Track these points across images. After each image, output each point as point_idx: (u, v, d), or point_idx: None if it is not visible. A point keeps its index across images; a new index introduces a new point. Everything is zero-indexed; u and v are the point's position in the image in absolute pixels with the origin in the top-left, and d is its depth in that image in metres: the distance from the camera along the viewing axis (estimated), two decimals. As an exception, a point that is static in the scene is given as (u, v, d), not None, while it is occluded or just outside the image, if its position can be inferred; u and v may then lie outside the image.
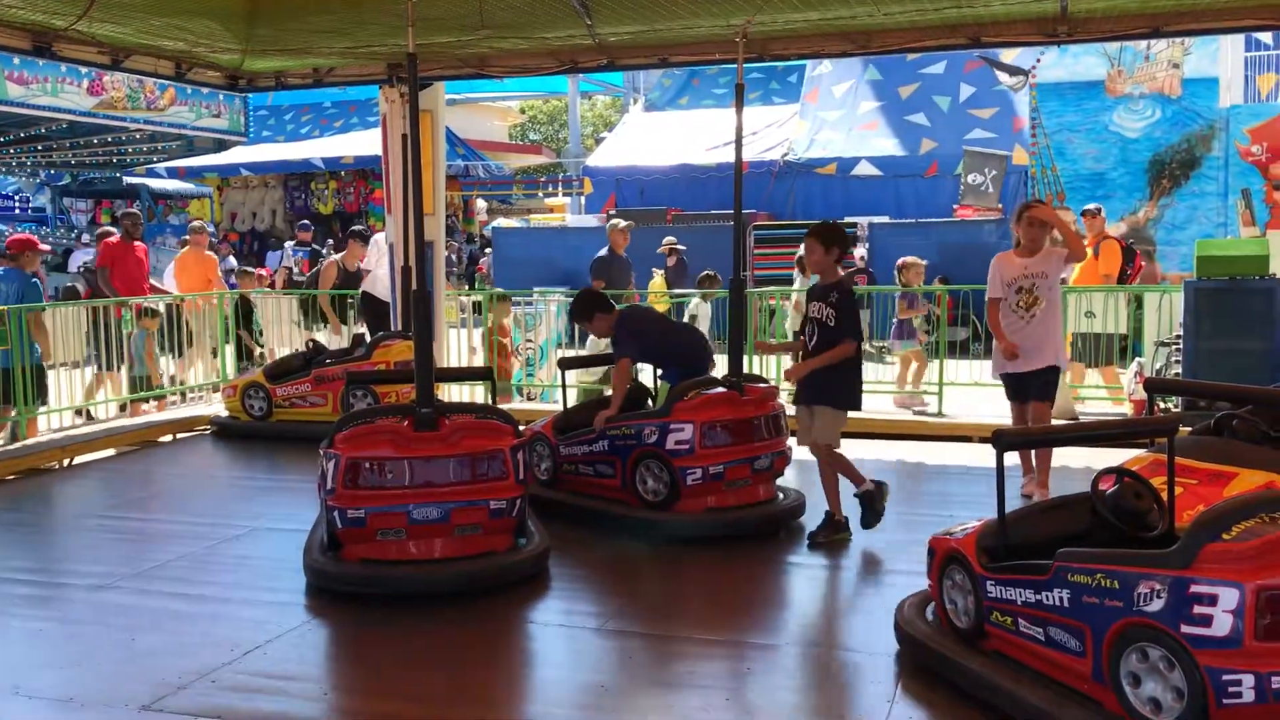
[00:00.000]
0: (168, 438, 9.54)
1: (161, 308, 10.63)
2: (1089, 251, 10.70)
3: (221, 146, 23.16)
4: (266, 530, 6.41)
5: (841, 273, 5.99)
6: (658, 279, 14.03)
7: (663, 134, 21.30)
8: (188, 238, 13.41)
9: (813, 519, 6.32)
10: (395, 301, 10.07)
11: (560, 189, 25.41)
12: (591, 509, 6.34)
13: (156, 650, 4.51)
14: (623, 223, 11.81)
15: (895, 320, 10.62)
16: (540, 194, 25.97)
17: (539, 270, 16.67)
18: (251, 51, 9.32)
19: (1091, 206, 11.54)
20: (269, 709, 3.98)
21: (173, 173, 24.61)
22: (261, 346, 11.71)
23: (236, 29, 8.77)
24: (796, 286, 11.58)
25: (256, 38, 8.97)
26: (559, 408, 7.11)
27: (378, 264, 11.14)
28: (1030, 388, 6.57)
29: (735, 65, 6.59)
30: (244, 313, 11.59)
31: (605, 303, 6.75)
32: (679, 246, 14.68)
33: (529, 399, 10.86)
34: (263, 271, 15.87)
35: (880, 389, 10.52)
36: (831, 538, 5.91)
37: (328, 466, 5.17)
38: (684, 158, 19.92)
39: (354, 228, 11.45)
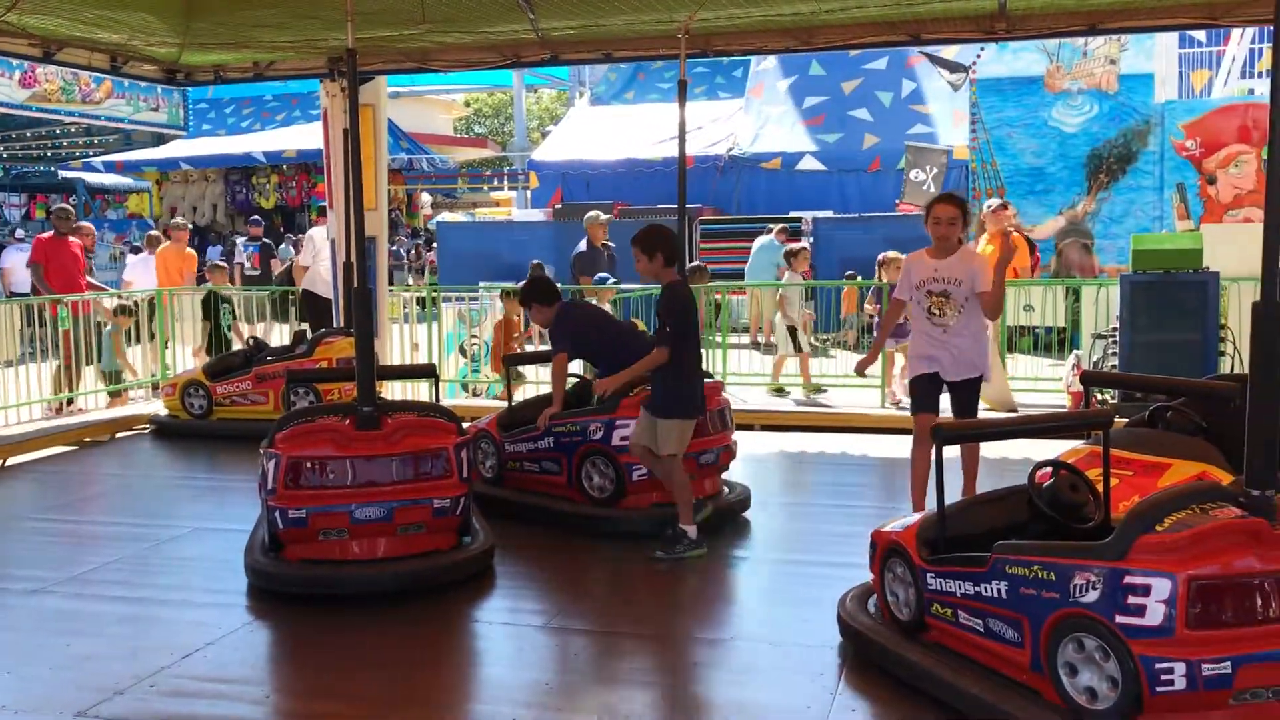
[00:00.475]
0: (105, 438, 9.37)
1: (110, 324, 10.51)
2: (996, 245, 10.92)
3: (160, 140, 22.78)
4: (207, 531, 6.32)
5: (676, 275, 5.71)
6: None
7: (609, 128, 21.29)
8: (154, 233, 13.28)
9: (758, 512, 6.37)
10: (337, 298, 9.97)
11: (506, 183, 25.30)
12: (537, 506, 6.32)
13: (93, 655, 4.43)
14: (603, 215, 11.84)
15: (873, 316, 10.49)
16: (485, 188, 25.86)
17: (484, 265, 16.59)
18: (189, 45, 9.17)
19: (996, 202, 11.72)
20: (209, 713, 3.93)
21: (110, 167, 24.18)
22: (229, 337, 11.43)
23: (173, 22, 8.62)
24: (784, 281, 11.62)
25: (194, 31, 8.83)
26: (504, 404, 7.07)
27: (315, 260, 11.03)
28: (954, 399, 5.89)
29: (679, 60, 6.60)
30: (214, 307, 11.38)
31: (548, 293, 6.58)
32: (609, 243, 14.80)
33: (474, 395, 10.81)
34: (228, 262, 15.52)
35: (834, 383, 10.61)
36: (675, 552, 5.59)
37: (268, 466, 5.12)
38: (630, 152, 19.92)
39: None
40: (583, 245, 11.61)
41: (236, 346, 10.70)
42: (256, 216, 21.27)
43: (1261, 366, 3.30)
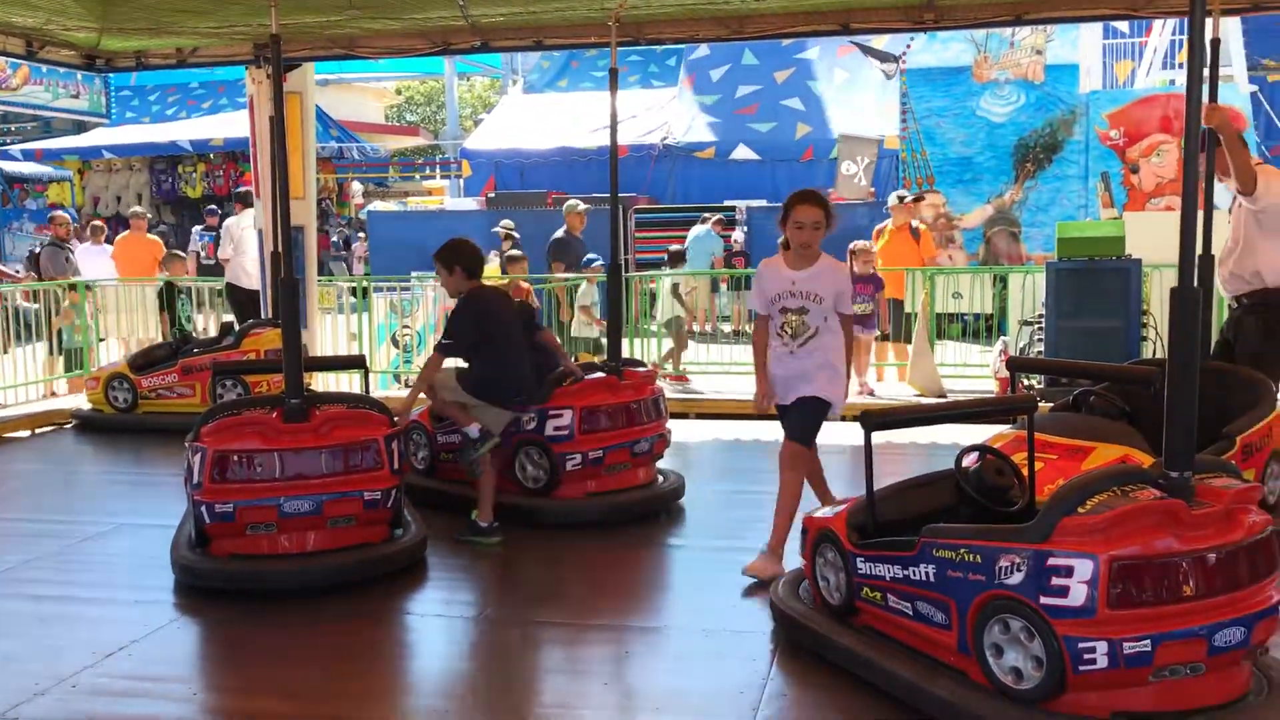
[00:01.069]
0: (25, 433, 9.14)
1: (67, 301, 10.29)
2: (910, 236, 11.09)
3: (82, 128, 22.25)
4: (131, 527, 6.19)
5: (478, 285, 5.71)
6: (494, 263, 14.13)
7: (542, 116, 21.19)
8: (97, 223, 13.01)
9: (692, 500, 6.39)
10: (265, 288, 9.81)
11: (438, 171, 25.08)
12: (470, 497, 6.26)
13: (12, 656, 4.32)
14: (581, 205, 11.76)
15: None
16: (417, 176, 25.60)
17: (416, 255, 16.39)
18: (108, 29, 8.95)
19: (904, 192, 11.91)
20: (133, 712, 3.86)
21: (29, 155, 23.54)
22: (188, 329, 11.17)
23: (91, 5, 8.41)
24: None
25: (114, 15, 8.61)
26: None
27: (236, 250, 10.85)
28: (783, 420, 5.17)
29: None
30: (169, 297, 11.13)
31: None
32: (514, 233, 14.83)
33: (406, 386, 10.71)
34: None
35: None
36: (473, 538, 5.65)
37: (194, 460, 5.02)
38: (564, 140, 19.85)
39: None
40: (560, 233, 11.55)
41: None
42: (213, 206, 20.86)
43: (1180, 351, 3.37)
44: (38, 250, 14.28)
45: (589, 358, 10.38)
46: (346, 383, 9.92)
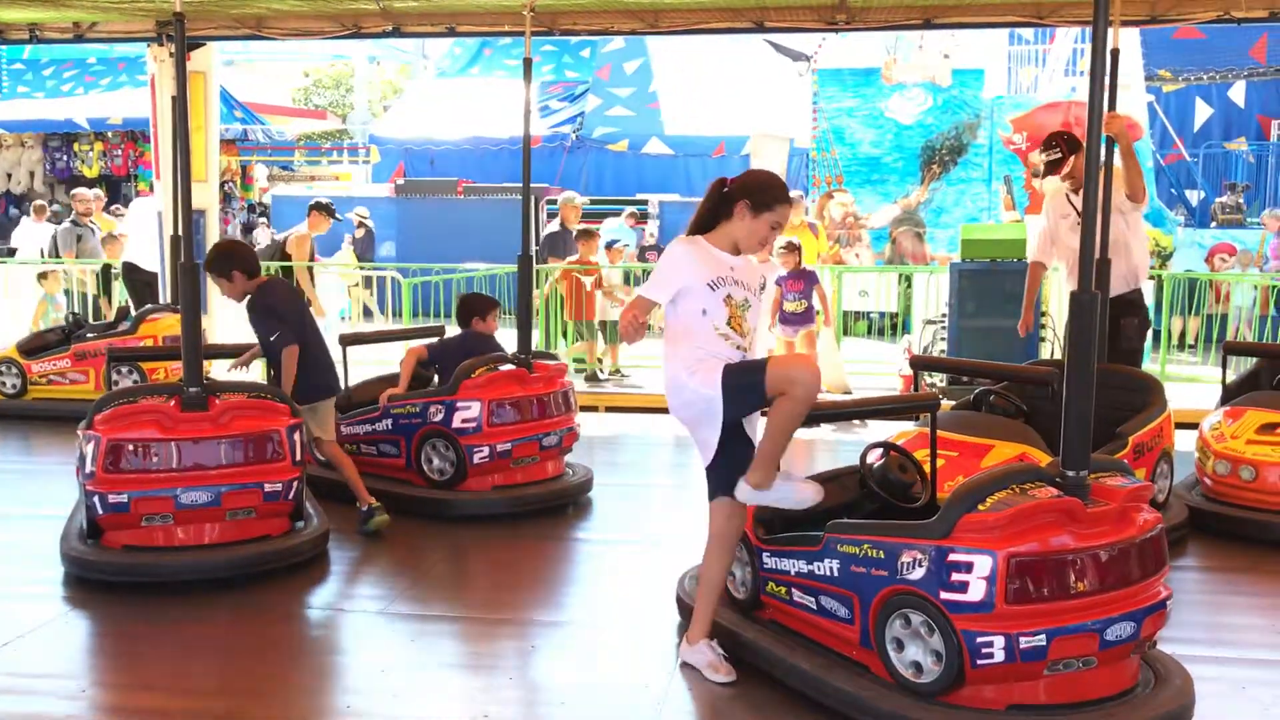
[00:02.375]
0: (-94, 418, 8.75)
1: None
2: (810, 233, 11.26)
3: (-31, 101, 21.33)
4: (18, 518, 5.98)
5: (263, 279, 5.62)
6: (345, 251, 14.08)
7: (454, 103, 20.94)
8: (40, 202, 12.50)
9: (600, 494, 6.38)
10: (164, 272, 9.54)
11: (345, 156, 24.65)
12: (374, 490, 6.17)
13: (-112, 652, 4.14)
14: (579, 198, 11.63)
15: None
16: (324, 161, 25.12)
17: (323, 241, 16.13)
18: (1, -1, 8.62)
19: (795, 193, 12.11)
20: (19, 710, 3.72)
21: (-88, 129, 22.55)
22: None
23: (-18, -26, 8.09)
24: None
25: (6, -15, 8.30)
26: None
27: (138, 231, 10.53)
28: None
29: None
30: (105, 280, 10.72)
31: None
32: (368, 220, 14.77)
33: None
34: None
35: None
36: (368, 527, 5.60)
37: (87, 448, 4.86)
38: (475, 129, 19.66)
39: (317, 200, 10.57)
40: (554, 226, 11.39)
41: None
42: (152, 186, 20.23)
43: (1078, 353, 3.46)
44: None
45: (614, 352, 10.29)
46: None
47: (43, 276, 11.61)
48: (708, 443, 3.83)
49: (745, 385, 3.70)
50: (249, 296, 5.54)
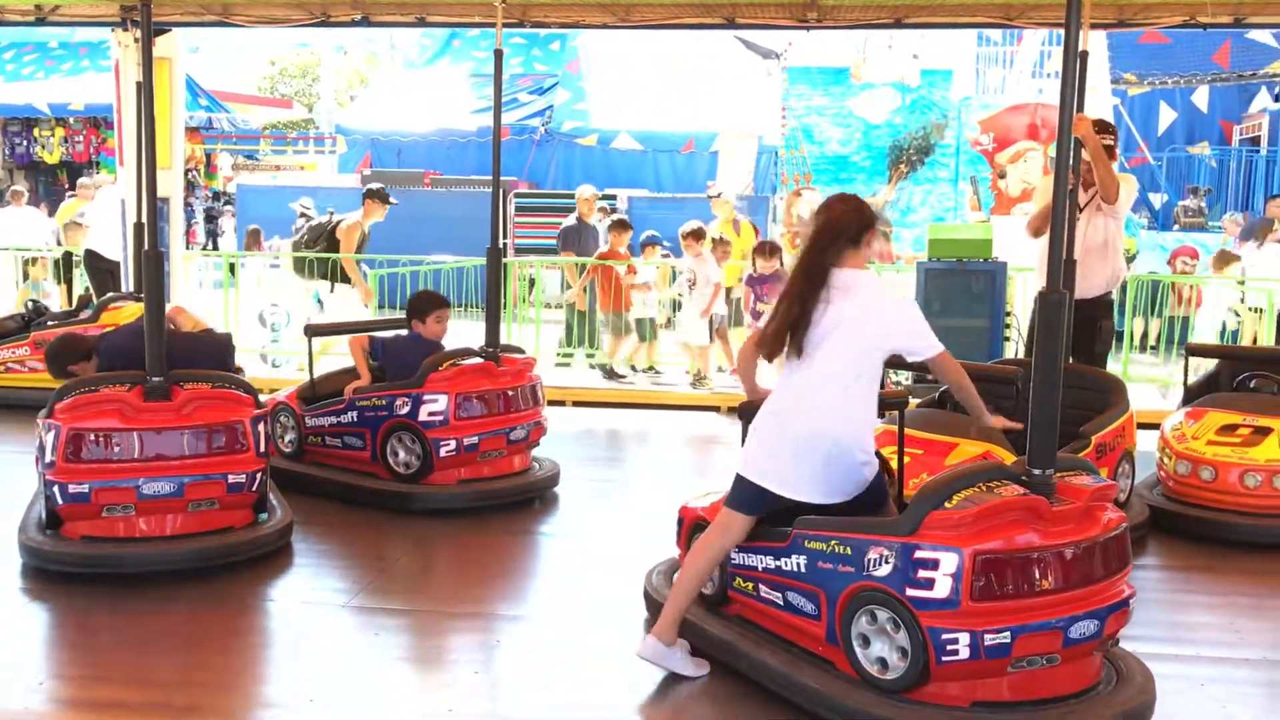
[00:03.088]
0: None
1: None
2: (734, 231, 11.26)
3: (-74, 84, 20.95)
4: (-25, 507, 5.88)
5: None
6: (288, 243, 14.00)
7: (422, 94, 20.81)
8: (17, 188, 12.29)
9: (567, 489, 6.36)
10: (127, 261, 9.42)
11: (311, 146, 24.44)
12: (339, 482, 6.14)
13: None
14: (589, 191, 11.48)
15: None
16: (290, 150, 24.89)
17: (287, 231, 16.00)
18: (-40, -20, 8.47)
19: (716, 190, 12.19)
20: (-27, 703, 3.66)
21: None
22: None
23: (-58, -46, 7.95)
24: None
25: (-34, -35, 8.16)
26: (305, 376, 6.83)
27: (100, 217, 10.38)
28: None
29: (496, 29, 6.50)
30: (66, 267, 10.57)
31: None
32: (311, 211, 14.69)
33: (274, 366, 10.43)
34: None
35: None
36: None
37: (47, 438, 4.79)
38: (444, 120, 19.54)
39: (371, 187, 10.35)
40: (571, 220, 11.23)
41: None
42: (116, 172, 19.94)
43: (1044, 353, 3.48)
44: None
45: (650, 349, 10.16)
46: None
47: (31, 263, 11.44)
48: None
49: None
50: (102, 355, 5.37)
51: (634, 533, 5.61)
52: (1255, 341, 10.30)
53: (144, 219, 5.14)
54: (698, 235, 9.72)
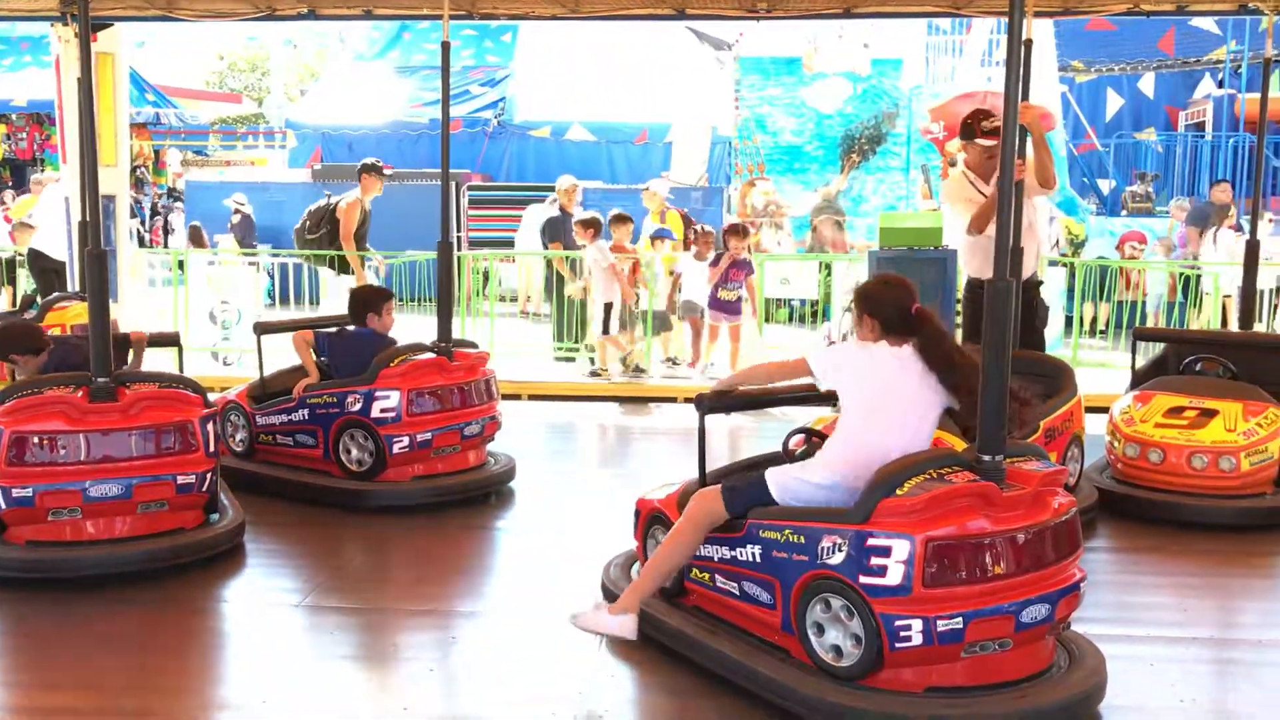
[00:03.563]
0: None
1: None
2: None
3: None
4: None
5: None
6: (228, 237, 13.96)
7: (372, 88, 20.63)
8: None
9: (523, 483, 6.34)
10: (72, 260, 9.27)
11: (261, 141, 24.16)
12: (292, 481, 6.08)
13: None
14: (568, 182, 11.27)
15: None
16: (239, 146, 24.60)
17: (226, 228, 15.84)
18: (-107, -26, 8.28)
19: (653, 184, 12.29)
20: (-84, 714, 3.58)
21: None
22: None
23: (-127, -52, 7.75)
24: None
25: (-101, -41, 7.97)
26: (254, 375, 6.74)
27: (45, 215, 10.20)
28: None
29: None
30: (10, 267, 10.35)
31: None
32: (245, 206, 14.63)
33: (225, 364, 10.30)
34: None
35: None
36: None
37: (-11, 441, 4.70)
38: (394, 114, 19.39)
39: (367, 161, 10.03)
40: (554, 211, 11.09)
41: None
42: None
43: (993, 341, 3.50)
44: None
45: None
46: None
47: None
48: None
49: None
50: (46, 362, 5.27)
51: (591, 526, 5.60)
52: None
53: (87, 217, 5.03)
54: (587, 224, 9.66)
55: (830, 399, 4.24)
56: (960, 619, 3.28)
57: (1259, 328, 9.53)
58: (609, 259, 9.64)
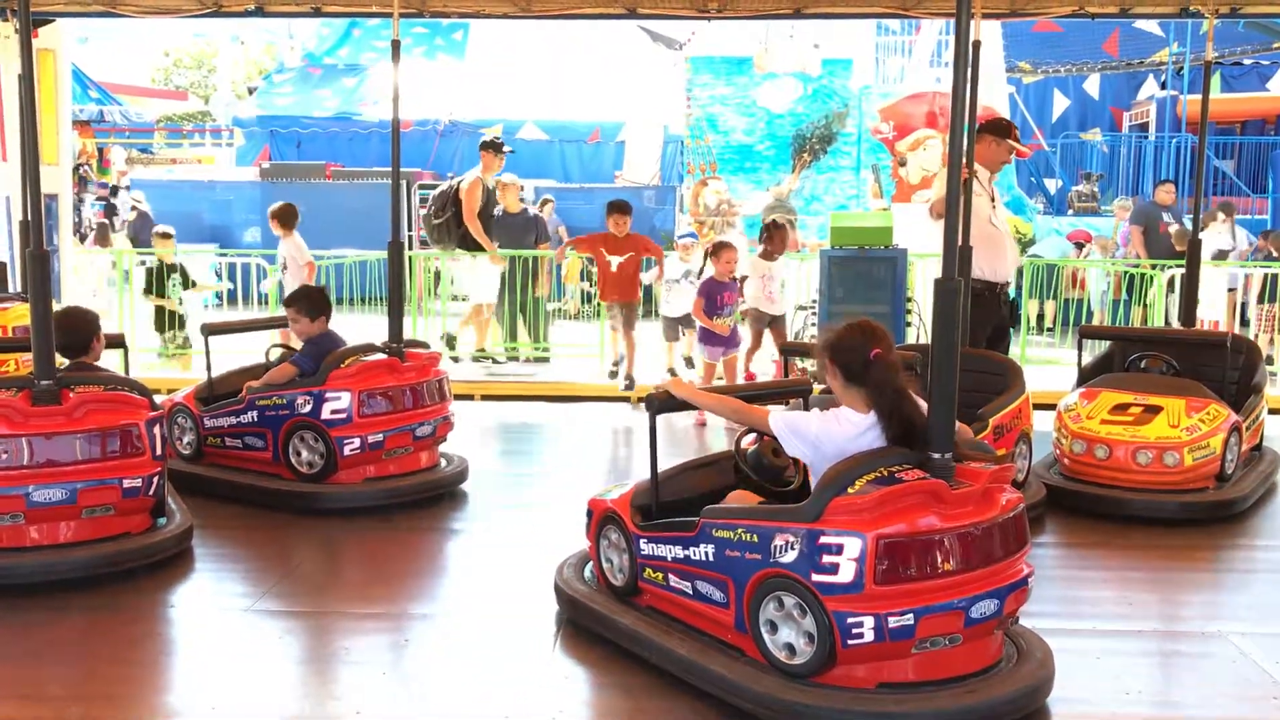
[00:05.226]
0: None
1: None
2: None
3: None
4: None
5: None
6: (120, 235, 13.89)
7: (321, 85, 20.48)
8: None
9: (476, 484, 6.31)
10: (13, 260, 9.09)
11: (208, 139, 23.86)
12: (241, 484, 6.00)
13: None
14: (508, 179, 10.97)
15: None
16: (186, 144, 24.28)
17: (184, 227, 15.60)
18: None
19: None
20: None
21: None
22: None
23: None
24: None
25: None
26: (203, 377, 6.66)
27: None
28: None
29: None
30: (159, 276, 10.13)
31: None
32: (141, 204, 14.63)
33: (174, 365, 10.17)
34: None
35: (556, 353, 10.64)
36: None
37: (-73, 447, 4.60)
38: (344, 111, 19.26)
39: (485, 138, 9.73)
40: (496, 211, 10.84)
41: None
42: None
43: (942, 337, 3.54)
44: None
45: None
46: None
47: None
48: None
49: None
50: None
51: (544, 527, 5.59)
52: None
53: (29, 216, 4.95)
54: (276, 215, 9.25)
55: (782, 399, 4.27)
56: (911, 615, 3.30)
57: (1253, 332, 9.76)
58: (306, 255, 9.20)
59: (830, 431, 3.62)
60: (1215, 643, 4.23)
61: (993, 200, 6.67)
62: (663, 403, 4.12)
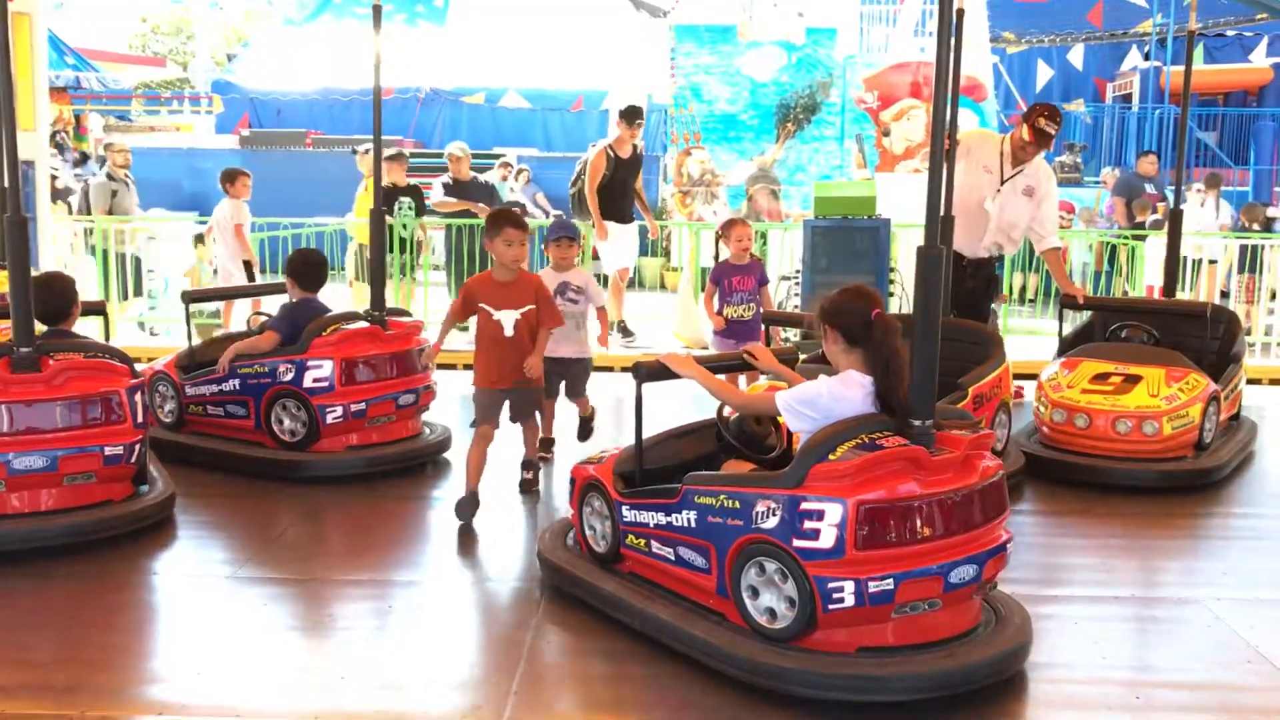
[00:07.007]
0: None
1: None
2: None
3: None
4: None
5: None
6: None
7: (302, 52, 20.29)
8: None
9: (459, 453, 6.30)
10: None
11: (187, 106, 23.63)
12: (223, 452, 6.00)
13: None
14: (457, 147, 10.91)
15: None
16: (164, 111, 24.04)
17: (161, 194, 15.48)
18: None
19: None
20: None
21: None
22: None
23: None
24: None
25: None
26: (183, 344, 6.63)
27: None
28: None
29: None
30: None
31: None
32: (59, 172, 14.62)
33: (152, 334, 10.12)
34: None
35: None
36: None
37: (-94, 414, 4.57)
38: (325, 79, 19.09)
39: (625, 106, 9.75)
40: (445, 178, 10.72)
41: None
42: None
43: (924, 307, 3.56)
44: None
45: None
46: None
47: None
48: None
49: None
50: None
51: (529, 495, 5.60)
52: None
53: (6, 183, 4.90)
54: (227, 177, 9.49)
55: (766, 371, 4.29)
56: (890, 580, 3.34)
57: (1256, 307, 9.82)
58: (244, 218, 9.34)
59: (843, 395, 3.62)
60: (1192, 608, 4.28)
61: (999, 185, 6.77)
62: (650, 371, 4.13)
